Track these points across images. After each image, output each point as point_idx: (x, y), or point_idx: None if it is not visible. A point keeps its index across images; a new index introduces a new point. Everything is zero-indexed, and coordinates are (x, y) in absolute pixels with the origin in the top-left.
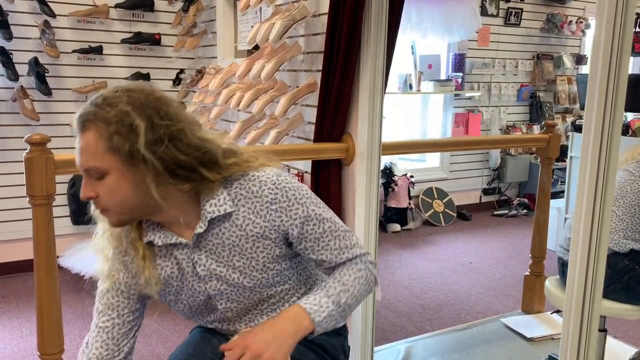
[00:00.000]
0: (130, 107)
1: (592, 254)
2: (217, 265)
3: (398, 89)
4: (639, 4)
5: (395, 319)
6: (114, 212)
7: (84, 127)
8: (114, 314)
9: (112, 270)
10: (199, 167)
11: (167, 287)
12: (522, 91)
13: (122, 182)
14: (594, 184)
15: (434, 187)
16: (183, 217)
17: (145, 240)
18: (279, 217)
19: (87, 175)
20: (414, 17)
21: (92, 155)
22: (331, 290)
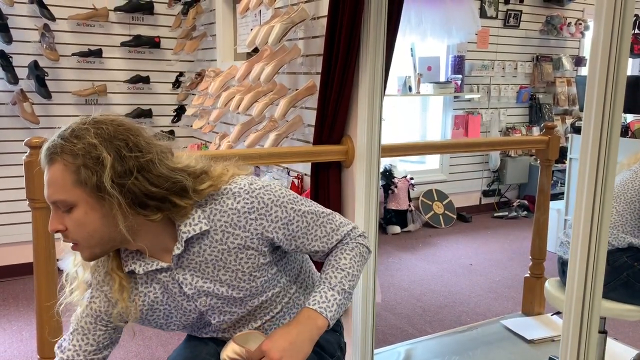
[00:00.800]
0: (98, 140)
1: (591, 255)
2: (204, 282)
3: (397, 91)
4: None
5: (395, 321)
6: (84, 245)
7: (52, 160)
8: (89, 338)
9: (90, 298)
10: (169, 196)
11: (154, 312)
12: (522, 93)
13: (90, 214)
14: (593, 186)
15: (434, 189)
16: (159, 243)
17: (127, 270)
18: (260, 224)
19: (55, 208)
20: (413, 19)
21: (60, 188)
22: (333, 281)
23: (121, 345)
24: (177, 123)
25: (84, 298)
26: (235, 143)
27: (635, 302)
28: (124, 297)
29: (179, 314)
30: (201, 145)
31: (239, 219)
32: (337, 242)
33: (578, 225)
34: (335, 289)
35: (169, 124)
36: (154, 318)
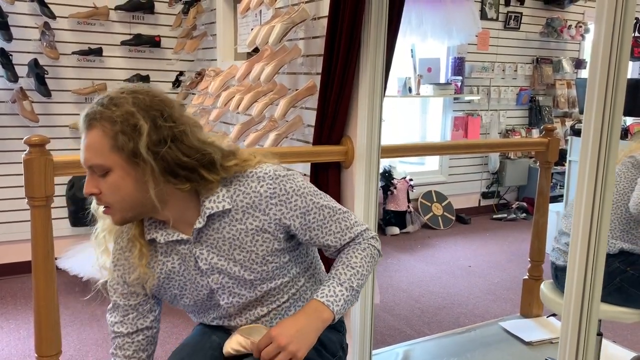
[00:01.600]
0: (136, 108)
1: (590, 258)
2: (219, 259)
3: (397, 92)
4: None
5: (393, 323)
6: (116, 209)
7: (90, 126)
8: (127, 307)
9: (115, 264)
10: (199, 168)
11: (170, 281)
12: (522, 95)
13: (125, 179)
14: (593, 188)
15: (433, 191)
16: (184, 214)
17: (148, 238)
18: (280, 210)
19: (90, 172)
20: (413, 20)
21: (97, 152)
22: (342, 277)
23: None
24: None
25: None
26: (234, 143)
27: (630, 305)
28: (143, 263)
29: (192, 288)
30: None
31: (260, 202)
32: (349, 240)
33: (577, 229)
34: (343, 285)
35: None
36: (170, 287)
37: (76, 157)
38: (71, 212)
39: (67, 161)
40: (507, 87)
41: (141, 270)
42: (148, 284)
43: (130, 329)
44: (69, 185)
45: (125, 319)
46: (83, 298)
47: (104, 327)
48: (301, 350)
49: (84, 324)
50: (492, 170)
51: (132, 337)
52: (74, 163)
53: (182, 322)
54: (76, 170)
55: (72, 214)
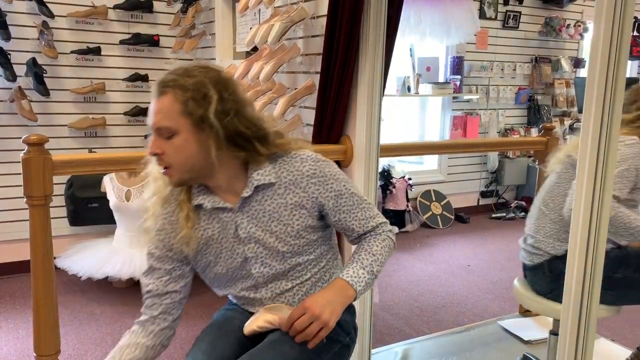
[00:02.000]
0: (207, 80)
1: (589, 257)
2: (257, 229)
3: (396, 91)
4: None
5: (392, 322)
6: (176, 170)
7: (163, 92)
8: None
9: (158, 229)
10: (254, 140)
11: (208, 248)
12: (520, 94)
13: (189, 142)
14: (592, 187)
15: (432, 190)
16: (232, 183)
17: (195, 203)
18: (317, 189)
19: (157, 134)
20: (412, 19)
21: (167, 115)
22: (365, 262)
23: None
24: None
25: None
26: None
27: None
28: (189, 226)
29: (227, 255)
30: None
31: (301, 180)
32: (371, 229)
33: (576, 227)
34: (365, 269)
35: None
36: (206, 254)
37: (75, 156)
38: (70, 212)
39: (66, 160)
40: (506, 86)
41: (185, 233)
42: (189, 247)
43: (160, 291)
44: (68, 185)
45: (158, 281)
46: (82, 297)
47: (102, 326)
48: (331, 320)
49: (83, 323)
50: (491, 170)
51: (162, 298)
52: (73, 162)
53: (182, 322)
54: (75, 170)
55: (71, 214)
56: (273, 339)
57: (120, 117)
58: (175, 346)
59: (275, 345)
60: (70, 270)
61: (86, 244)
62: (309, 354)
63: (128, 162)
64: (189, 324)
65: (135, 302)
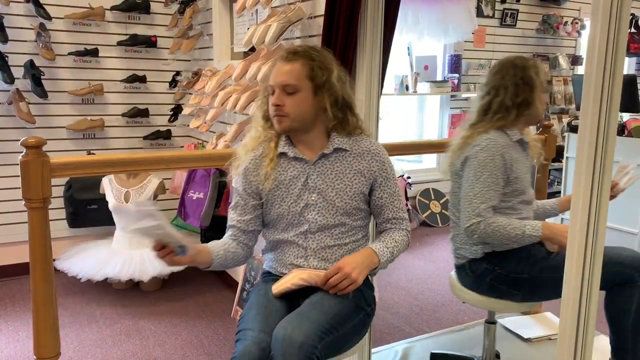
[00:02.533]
0: (330, 55)
1: (588, 256)
2: (323, 182)
3: (394, 90)
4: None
5: (392, 320)
6: (290, 118)
7: (293, 59)
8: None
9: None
10: (348, 110)
11: (278, 189)
12: None
13: (307, 99)
14: (590, 185)
15: (431, 188)
16: (316, 141)
17: (280, 151)
18: (377, 165)
19: (281, 90)
20: (410, 18)
21: (295, 76)
22: (390, 244)
23: (118, 345)
24: (174, 122)
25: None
26: (232, 142)
27: (505, 298)
28: (271, 166)
29: (292, 199)
30: (198, 145)
31: (367, 155)
32: (397, 221)
33: (575, 224)
34: (388, 249)
35: (166, 124)
36: (276, 194)
37: (73, 158)
38: (69, 214)
39: (64, 162)
40: None
41: (266, 171)
42: (265, 184)
43: (243, 228)
44: (67, 186)
45: (241, 218)
46: (81, 299)
47: (102, 328)
48: (359, 278)
49: (83, 324)
50: None
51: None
52: (71, 164)
53: (182, 322)
54: (73, 172)
55: (70, 215)
56: (314, 300)
57: (119, 118)
58: (176, 347)
59: (317, 305)
60: (70, 272)
61: (85, 245)
62: (343, 314)
63: (127, 163)
64: (189, 324)
65: (135, 303)
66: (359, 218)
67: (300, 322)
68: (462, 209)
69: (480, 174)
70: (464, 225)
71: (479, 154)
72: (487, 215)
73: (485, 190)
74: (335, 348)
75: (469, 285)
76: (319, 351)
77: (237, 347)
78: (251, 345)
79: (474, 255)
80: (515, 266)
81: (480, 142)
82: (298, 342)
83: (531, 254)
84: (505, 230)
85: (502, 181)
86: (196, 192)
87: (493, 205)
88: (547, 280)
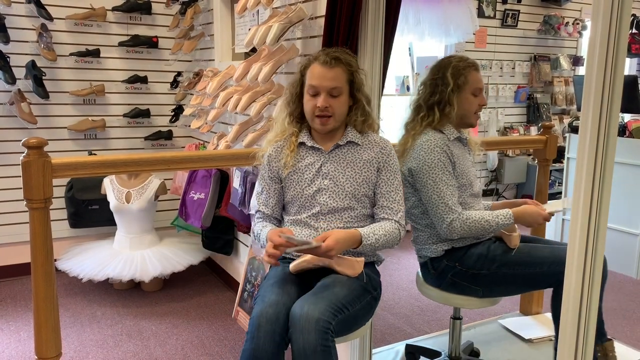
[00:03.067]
0: (357, 62)
1: (589, 256)
2: (335, 170)
3: (395, 90)
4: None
5: (393, 321)
6: (334, 119)
7: (335, 64)
8: (269, 193)
9: (268, 154)
10: (368, 107)
11: (294, 174)
12: (520, 93)
13: (346, 102)
14: (591, 185)
15: None
16: (334, 135)
17: (299, 141)
18: (382, 157)
19: (326, 93)
20: (411, 18)
21: (339, 80)
22: (378, 232)
23: (119, 345)
24: (175, 123)
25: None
26: (233, 143)
27: (466, 294)
28: (291, 154)
29: (305, 183)
30: (199, 145)
31: (376, 147)
32: (390, 210)
33: (575, 226)
34: (375, 236)
35: (167, 124)
36: (292, 178)
37: (74, 158)
38: (70, 214)
39: (66, 163)
40: (505, 84)
41: (287, 159)
42: (285, 169)
43: (269, 213)
44: (68, 187)
45: (266, 203)
46: (83, 299)
47: (104, 328)
48: (333, 254)
49: (84, 325)
50: (490, 168)
51: (269, 218)
52: (73, 165)
53: (182, 323)
54: (75, 172)
55: (72, 216)
56: (327, 282)
57: (120, 119)
58: (177, 348)
59: (330, 287)
60: (71, 272)
61: (87, 246)
62: (353, 295)
63: (128, 164)
64: (190, 324)
65: (136, 304)
66: (366, 206)
67: (316, 301)
68: (433, 214)
69: (435, 175)
70: (441, 227)
71: (426, 158)
72: (458, 210)
73: (446, 188)
74: (346, 326)
75: (432, 282)
76: (333, 326)
77: (254, 309)
78: (268, 307)
79: (435, 254)
80: (474, 263)
81: (421, 144)
82: (315, 318)
83: (490, 250)
84: (480, 223)
85: (454, 179)
86: (197, 193)
87: (460, 203)
88: (505, 276)
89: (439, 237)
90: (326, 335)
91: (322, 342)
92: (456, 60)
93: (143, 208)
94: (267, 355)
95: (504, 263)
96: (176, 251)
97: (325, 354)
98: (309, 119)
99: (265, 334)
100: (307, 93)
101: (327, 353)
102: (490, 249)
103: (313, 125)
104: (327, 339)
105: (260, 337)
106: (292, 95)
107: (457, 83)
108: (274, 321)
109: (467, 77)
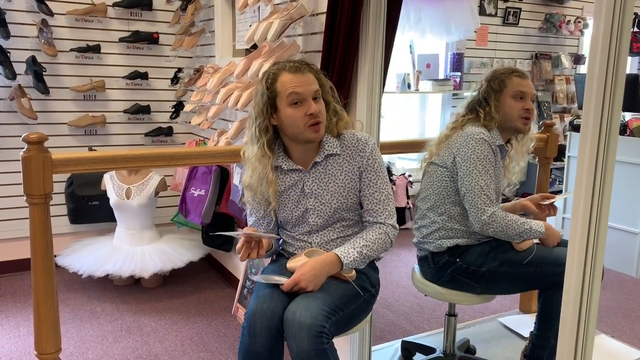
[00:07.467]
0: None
1: (589, 255)
2: (318, 187)
3: (396, 88)
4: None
5: (393, 318)
6: (323, 124)
7: (304, 70)
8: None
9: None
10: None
11: (282, 195)
12: None
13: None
14: (592, 184)
15: None
16: (308, 152)
17: (275, 165)
18: (362, 160)
19: (311, 99)
20: (412, 16)
21: (314, 83)
22: (356, 245)
23: (118, 341)
24: (176, 119)
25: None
26: (233, 139)
27: (464, 290)
28: (271, 180)
29: (293, 205)
30: (200, 142)
31: (356, 153)
32: (374, 213)
33: (576, 224)
34: (356, 250)
35: (168, 120)
36: (281, 200)
37: (75, 154)
38: (70, 210)
39: (66, 159)
40: None
41: (268, 185)
42: (269, 193)
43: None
44: (68, 183)
45: (258, 219)
46: (82, 295)
47: (103, 324)
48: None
49: (84, 320)
50: None
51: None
52: (73, 160)
53: (182, 319)
54: (75, 168)
55: (71, 212)
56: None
57: (120, 115)
58: (176, 344)
59: (324, 287)
60: (71, 268)
61: (86, 241)
62: (348, 295)
63: (128, 160)
64: (190, 320)
65: (136, 300)
66: (354, 212)
67: (308, 304)
68: (472, 204)
69: (482, 166)
70: (479, 218)
71: (475, 148)
72: (498, 204)
73: (490, 181)
74: (343, 325)
75: (430, 277)
76: (327, 329)
77: (249, 305)
78: (262, 302)
79: (438, 249)
80: (475, 259)
81: (472, 134)
82: (307, 325)
83: (492, 248)
84: (517, 223)
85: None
86: (197, 189)
87: (497, 198)
88: (506, 275)
89: (445, 234)
90: (320, 339)
91: (316, 347)
92: (503, 68)
93: (143, 204)
94: (264, 350)
95: (505, 261)
96: (176, 247)
97: (320, 356)
98: (298, 132)
99: (261, 329)
100: (287, 106)
101: (322, 355)
102: (493, 247)
103: (305, 136)
104: (322, 343)
105: (257, 334)
106: (262, 117)
107: (492, 85)
108: (269, 317)
109: (504, 81)
